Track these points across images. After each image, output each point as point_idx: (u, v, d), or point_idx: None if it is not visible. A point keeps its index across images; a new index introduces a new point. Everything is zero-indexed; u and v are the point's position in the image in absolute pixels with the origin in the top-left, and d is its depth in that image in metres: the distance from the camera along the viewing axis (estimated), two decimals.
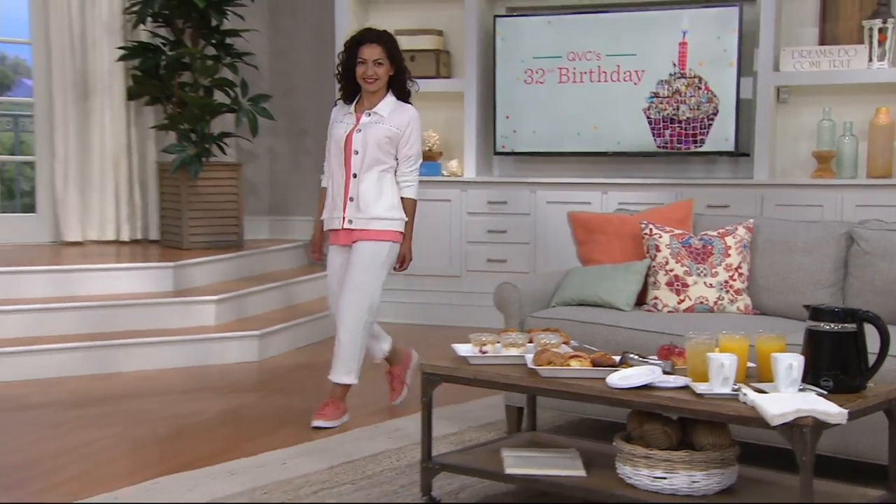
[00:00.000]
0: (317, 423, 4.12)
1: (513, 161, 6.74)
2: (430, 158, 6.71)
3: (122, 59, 6.50)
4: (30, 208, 7.29)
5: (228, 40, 6.58)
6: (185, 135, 6.42)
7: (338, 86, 4.18)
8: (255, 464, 3.63)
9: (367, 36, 4.04)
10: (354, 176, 4.01)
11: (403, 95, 4.11)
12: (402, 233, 4.09)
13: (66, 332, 5.22)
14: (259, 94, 6.61)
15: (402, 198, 4.08)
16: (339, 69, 4.12)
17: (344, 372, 4.14)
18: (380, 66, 3.98)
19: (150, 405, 4.52)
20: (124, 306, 5.44)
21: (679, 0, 6.21)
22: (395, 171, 4.09)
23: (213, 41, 6.55)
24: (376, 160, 4.01)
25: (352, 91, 4.08)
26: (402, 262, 4.16)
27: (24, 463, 3.64)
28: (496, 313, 6.04)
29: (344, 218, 4.03)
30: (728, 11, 5.98)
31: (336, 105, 4.19)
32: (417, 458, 3.61)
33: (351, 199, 4.02)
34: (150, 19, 6.46)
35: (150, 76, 6.51)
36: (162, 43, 6.52)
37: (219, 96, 6.60)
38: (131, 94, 6.64)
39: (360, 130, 4.02)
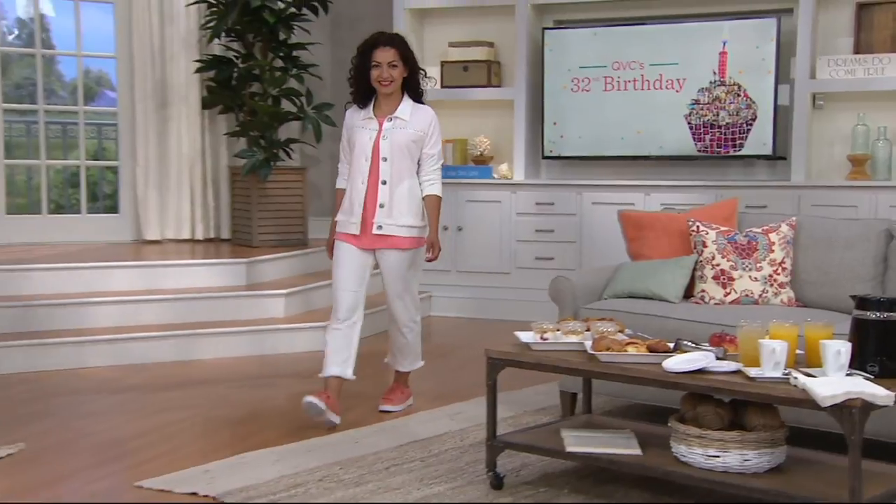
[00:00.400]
0: (384, 406, 4.17)
1: (559, 164, 6.77)
2: (482, 162, 6.77)
3: (198, 71, 6.62)
4: (111, 209, 7.46)
5: (295, 53, 6.67)
6: (256, 141, 6.53)
7: (350, 90, 3.98)
8: (330, 442, 3.70)
9: (381, 39, 3.84)
10: (384, 182, 3.82)
11: (418, 96, 3.93)
12: (424, 238, 3.95)
13: (151, 322, 5.34)
14: (323, 103, 6.69)
15: (426, 195, 3.90)
16: (353, 73, 3.91)
17: (411, 361, 4.19)
18: (394, 69, 3.80)
19: (227, 389, 4.61)
20: (202, 299, 5.54)
21: (720, 12, 6.20)
22: (418, 172, 3.92)
23: (281, 54, 6.64)
24: (405, 166, 3.84)
25: (364, 94, 3.88)
26: (431, 249, 3.93)
27: (120, 440, 3.74)
28: (543, 307, 6.10)
29: (372, 223, 3.84)
30: (766, 22, 5.96)
31: (349, 109, 3.97)
32: (479, 438, 3.69)
33: (381, 206, 3.82)
34: (223, 34, 6.57)
35: (223, 87, 6.63)
36: (234, 56, 6.64)
37: (286, 105, 6.69)
38: (205, 104, 6.76)
39: (385, 137, 3.83)
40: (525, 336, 3.21)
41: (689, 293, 3.94)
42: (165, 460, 3.47)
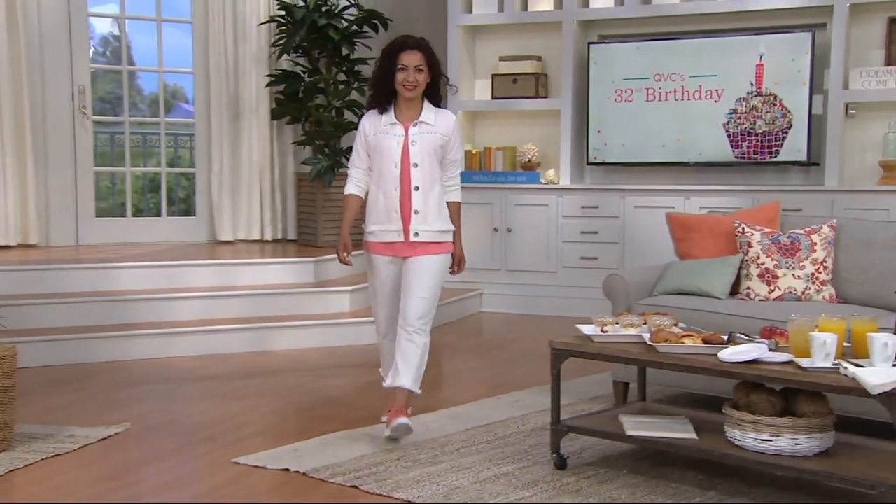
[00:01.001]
0: (400, 420, 3.51)
1: (603, 170, 6.81)
2: (530, 168, 6.83)
3: (268, 85, 6.76)
4: (185, 212, 7.64)
5: (356, 67, 6.79)
6: (320, 149, 6.65)
7: (369, 94, 3.67)
8: None
9: (408, 42, 3.57)
10: (417, 188, 3.52)
11: (437, 101, 3.66)
12: (453, 243, 3.68)
13: (228, 315, 5.48)
14: None
15: (449, 202, 3.64)
16: (376, 75, 3.61)
17: (415, 379, 3.60)
18: (420, 73, 3.52)
19: (300, 378, 4.72)
20: (275, 295, 5.67)
21: (757, 27, 6.21)
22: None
23: (344, 68, 6.77)
24: (434, 171, 3.57)
25: (385, 99, 3.58)
26: (459, 263, 3.71)
27: (212, 421, 3.87)
28: (588, 303, 6.20)
29: (408, 231, 3.54)
30: (802, 36, 5.97)
31: (367, 114, 3.65)
32: (538, 423, 3.77)
33: (416, 212, 3.54)
34: (291, 51, 6.70)
35: (290, 99, 6.76)
36: (301, 71, 6.77)
37: (348, 116, 6.81)
38: (274, 115, 6.90)
39: (415, 142, 3.53)
40: (587, 329, 3.28)
41: (734, 290, 3.99)
42: (256, 440, 3.59)
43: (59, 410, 4.00)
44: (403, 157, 3.54)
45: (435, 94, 3.64)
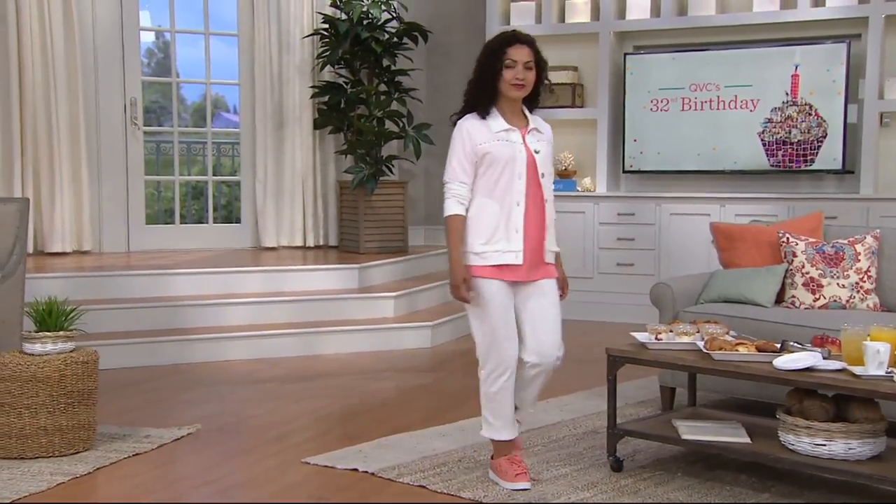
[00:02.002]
0: (521, 485, 3.19)
1: (639, 178, 6.91)
2: (567, 176, 6.95)
3: (313, 96, 6.92)
4: (226, 219, 7.81)
5: (397, 78, 6.94)
6: (362, 158, 6.79)
7: (466, 96, 3.20)
8: (458, 428, 3.91)
9: (518, 36, 3.18)
10: (547, 202, 3.16)
11: (536, 104, 3.23)
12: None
13: (278, 320, 5.64)
14: (421, 123, 6.93)
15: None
16: (477, 74, 3.15)
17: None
18: (529, 71, 3.10)
19: (352, 381, 4.86)
20: (322, 300, 5.81)
21: (792, 37, 6.30)
22: None
23: (385, 79, 6.91)
24: (552, 184, 3.23)
25: (487, 100, 3.12)
26: (564, 287, 3.35)
27: (276, 423, 4.02)
28: (625, 309, 6.31)
29: (534, 250, 3.14)
30: (837, 47, 6.05)
31: (463, 120, 3.16)
32: (590, 427, 3.89)
33: (548, 229, 3.17)
34: (335, 63, 6.85)
35: (332, 109, 6.92)
36: (344, 82, 6.92)
37: (389, 125, 6.95)
38: (317, 125, 7.05)
39: (538, 151, 3.14)
40: (641, 336, 3.40)
41: (779, 298, 4.09)
42: (321, 441, 3.74)
43: (131, 412, 4.16)
44: (529, 168, 3.10)
45: (535, 98, 3.19)
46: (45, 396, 3.43)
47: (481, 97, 3.14)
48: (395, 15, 6.88)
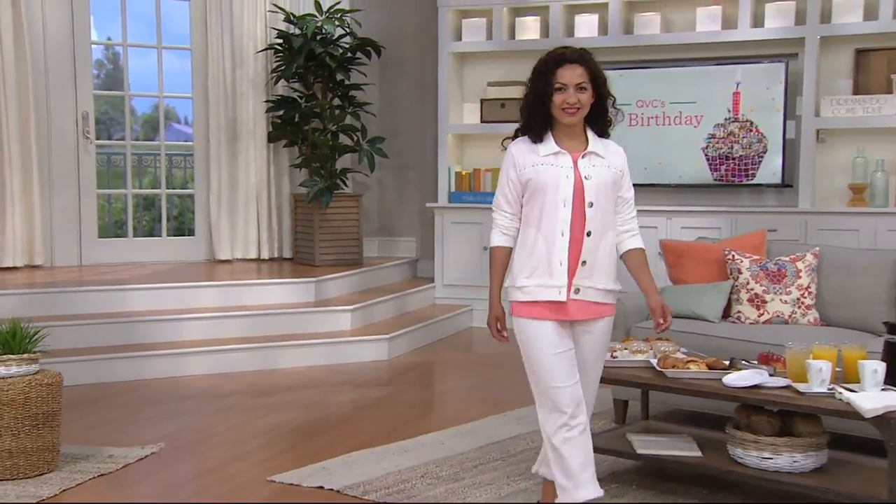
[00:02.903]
0: None
1: None
2: None
3: (268, 111, 6.93)
4: (179, 231, 7.77)
5: (351, 93, 6.99)
6: (317, 171, 6.83)
7: (521, 123, 2.96)
8: (419, 444, 3.99)
9: (568, 55, 2.87)
10: (589, 234, 2.81)
11: (602, 127, 2.91)
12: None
13: (235, 334, 5.64)
14: (375, 137, 7.00)
15: (632, 249, 2.95)
16: (528, 98, 2.92)
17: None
18: (583, 92, 2.82)
19: (311, 396, 4.90)
20: (278, 314, 5.84)
21: (733, 56, 6.51)
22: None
23: (339, 93, 6.96)
24: (609, 214, 2.87)
25: (540, 125, 2.87)
26: (664, 315, 2.95)
27: (241, 439, 4.04)
28: None
29: (570, 286, 2.82)
30: (775, 66, 6.28)
31: (515, 142, 2.94)
32: None
33: (583, 263, 2.81)
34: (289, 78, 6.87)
35: (287, 123, 6.94)
36: (298, 96, 6.95)
37: (343, 139, 7.00)
38: (271, 138, 7.06)
39: (588, 177, 2.82)
40: None
41: (726, 313, 4.25)
42: (285, 458, 3.78)
43: (92, 430, 4.15)
44: (576, 194, 2.80)
45: (601, 119, 2.90)
46: (10, 419, 3.42)
47: (534, 122, 2.88)
48: (348, 30, 6.93)
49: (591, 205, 2.81)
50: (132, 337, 5.41)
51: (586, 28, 6.81)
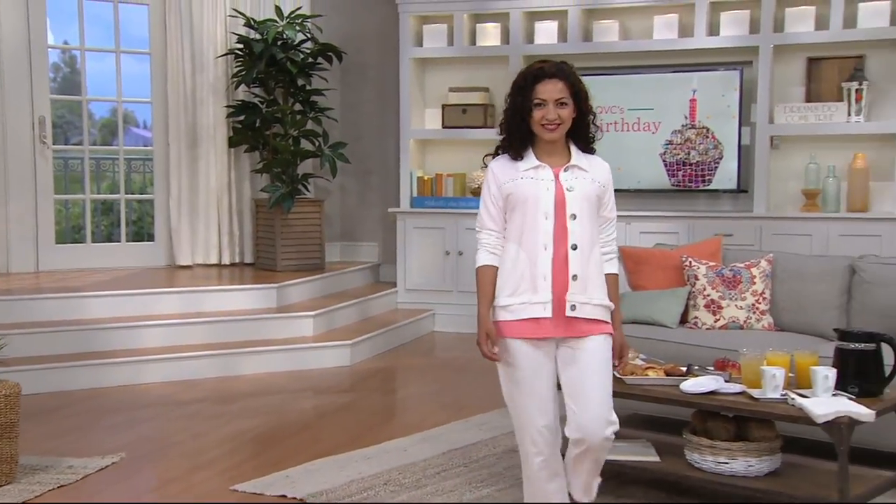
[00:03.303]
0: None
1: None
2: (478, 194, 7.08)
3: (229, 116, 6.89)
4: (139, 237, 7.69)
5: (312, 98, 6.97)
6: (278, 176, 6.81)
7: (501, 138, 2.86)
8: (382, 450, 4.00)
9: (546, 69, 2.78)
10: (574, 247, 2.71)
11: (585, 143, 2.84)
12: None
13: (196, 341, 5.60)
14: (337, 142, 6.99)
15: (606, 273, 2.81)
16: (507, 114, 2.81)
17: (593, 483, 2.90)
18: (563, 108, 2.73)
19: (273, 403, 4.88)
20: (240, 320, 5.81)
21: (690, 64, 6.61)
22: None
23: (300, 99, 6.94)
24: (594, 228, 2.77)
25: (520, 142, 2.78)
26: (622, 354, 2.88)
27: (203, 448, 4.03)
28: None
29: (565, 302, 2.71)
30: (731, 74, 6.39)
31: (496, 159, 2.84)
32: (510, 445, 4.02)
33: (574, 278, 2.70)
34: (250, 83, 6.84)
35: (248, 128, 6.91)
36: (259, 101, 6.92)
37: (305, 144, 6.98)
38: (232, 143, 7.02)
39: (571, 189, 2.73)
40: None
41: (683, 319, 4.32)
42: (247, 466, 3.77)
43: (51, 440, 4.10)
44: (557, 207, 2.72)
45: (584, 134, 2.82)
46: None
47: (513, 139, 2.79)
48: (309, 36, 6.92)
49: (574, 217, 2.72)
50: (91, 345, 5.35)
51: (546, 35, 6.87)
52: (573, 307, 2.71)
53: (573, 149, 2.81)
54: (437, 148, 7.39)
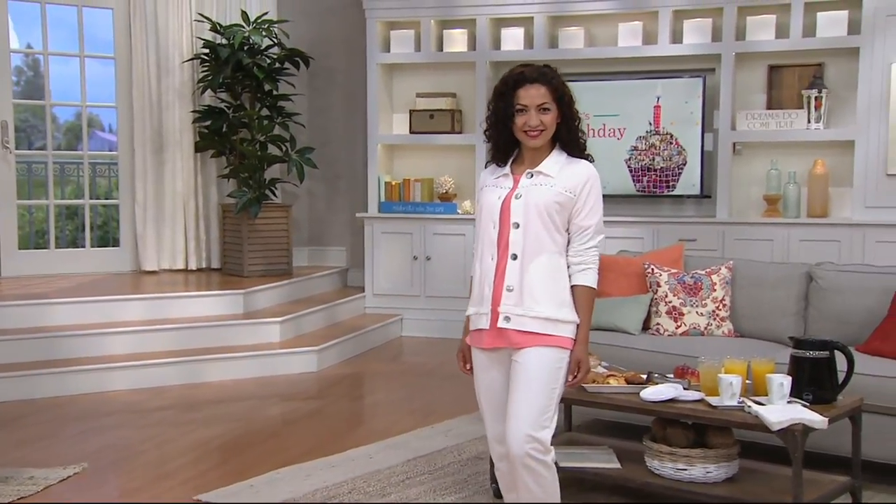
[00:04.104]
0: None
1: None
2: (447, 199, 7.13)
3: (196, 121, 6.86)
4: (104, 242, 7.63)
5: (280, 103, 6.96)
6: (245, 181, 6.79)
7: (487, 145, 2.85)
8: (348, 458, 4.01)
9: (528, 74, 2.72)
10: (514, 257, 2.66)
11: (574, 148, 2.75)
12: (574, 339, 2.71)
13: (161, 349, 5.57)
14: (305, 147, 6.98)
15: (574, 285, 2.70)
16: (490, 121, 2.77)
17: None
18: (546, 113, 2.68)
19: (238, 410, 4.87)
20: (206, 327, 5.79)
21: (654, 70, 6.68)
22: (567, 251, 2.73)
23: (267, 104, 6.92)
24: (545, 236, 2.67)
25: (506, 148, 2.76)
26: (577, 369, 2.71)
27: (167, 457, 4.02)
28: None
29: (497, 314, 2.67)
30: (694, 81, 6.47)
31: (486, 168, 2.84)
32: (474, 452, 4.07)
33: (509, 290, 2.66)
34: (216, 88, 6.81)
35: (214, 133, 6.88)
36: (226, 106, 6.89)
37: (272, 149, 6.97)
38: (198, 148, 6.99)
39: (519, 196, 2.68)
40: None
41: (646, 325, 4.38)
42: (212, 476, 3.76)
43: (11, 450, 4.07)
44: (503, 215, 2.68)
45: (572, 139, 2.74)
46: None
47: (498, 145, 2.76)
48: (276, 41, 6.90)
49: (517, 226, 2.66)
50: (55, 352, 5.31)
51: (512, 41, 6.91)
52: (507, 319, 2.67)
53: (553, 154, 2.73)
54: (405, 153, 7.41)
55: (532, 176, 2.71)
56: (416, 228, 7.03)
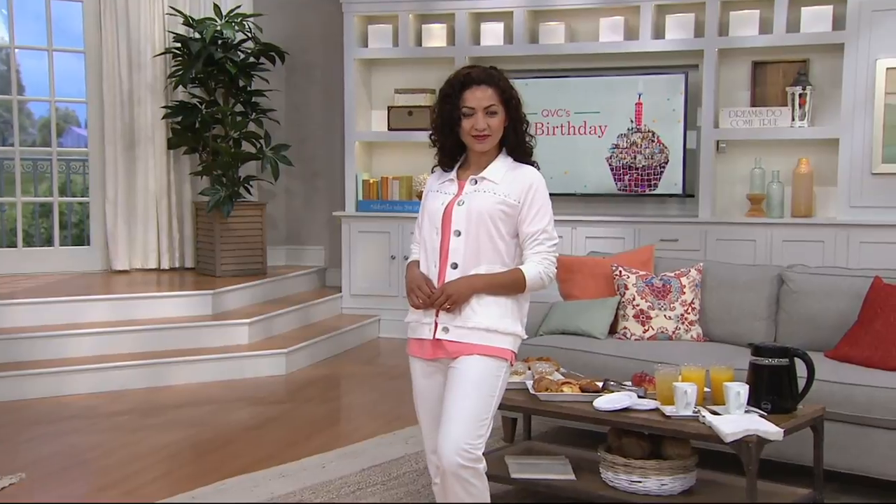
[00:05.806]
0: None
1: None
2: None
3: (165, 117, 6.75)
4: (78, 240, 7.53)
5: (254, 99, 6.85)
6: (218, 179, 6.68)
7: (434, 149, 2.79)
8: (300, 467, 3.90)
9: (474, 75, 2.65)
10: (454, 266, 2.58)
11: (521, 154, 2.69)
12: (514, 351, 2.66)
13: (125, 351, 5.46)
14: (280, 144, 6.87)
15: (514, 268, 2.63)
16: (435, 124, 2.73)
17: None
18: (493, 117, 2.61)
19: (201, 414, 4.77)
20: (172, 328, 5.68)
21: (635, 67, 6.56)
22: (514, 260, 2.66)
23: (242, 100, 6.81)
24: (487, 244, 2.59)
25: (452, 153, 2.71)
26: (442, 292, 2.57)
27: (113, 466, 3.90)
28: None
29: (436, 324, 2.60)
30: (676, 77, 6.34)
31: (433, 173, 2.80)
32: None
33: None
34: (188, 83, 6.70)
35: (187, 130, 6.77)
36: (198, 102, 6.78)
37: (246, 146, 6.86)
38: (171, 145, 6.88)
39: (462, 203, 2.61)
40: None
41: (612, 329, 4.26)
42: (157, 486, 3.65)
43: None
44: (444, 223, 2.61)
45: (518, 144, 2.67)
46: None
47: (444, 149, 2.72)
48: (250, 35, 6.79)
49: (458, 234, 2.59)
50: (13, 354, 5.20)
51: (492, 36, 6.79)
52: (445, 329, 2.60)
53: (499, 159, 2.67)
54: (383, 150, 7.29)
55: (476, 182, 2.65)
56: (394, 228, 6.92)
